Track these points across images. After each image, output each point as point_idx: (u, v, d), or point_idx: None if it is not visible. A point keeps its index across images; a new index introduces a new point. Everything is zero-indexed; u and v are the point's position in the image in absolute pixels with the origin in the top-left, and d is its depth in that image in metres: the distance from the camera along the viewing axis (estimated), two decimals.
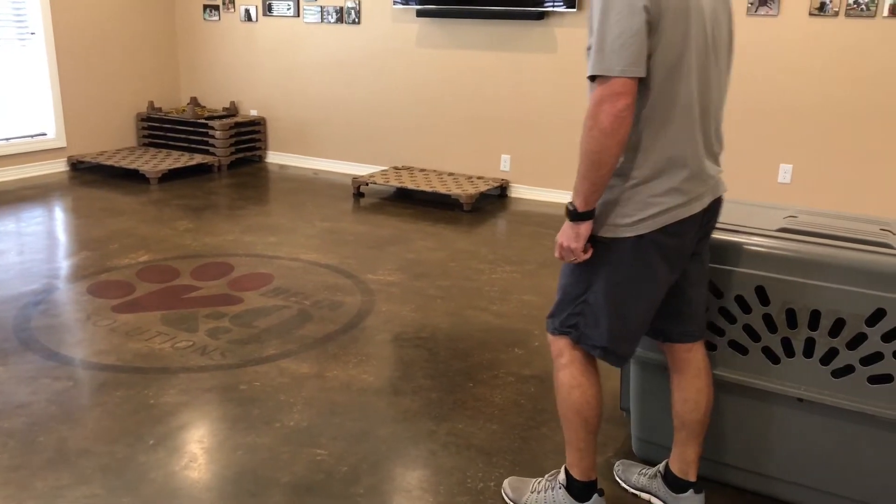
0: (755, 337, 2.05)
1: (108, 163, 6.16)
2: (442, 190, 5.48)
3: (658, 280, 1.83)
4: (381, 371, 2.92)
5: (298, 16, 6.42)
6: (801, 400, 2.03)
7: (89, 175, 6.18)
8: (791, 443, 2.09)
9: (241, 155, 6.71)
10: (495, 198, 5.82)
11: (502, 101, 5.79)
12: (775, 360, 2.04)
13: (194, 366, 2.91)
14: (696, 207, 1.81)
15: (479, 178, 5.90)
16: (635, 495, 2.19)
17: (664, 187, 1.75)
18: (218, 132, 6.45)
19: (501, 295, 3.78)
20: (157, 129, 6.80)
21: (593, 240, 1.80)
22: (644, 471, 2.23)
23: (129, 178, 6.05)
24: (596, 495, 2.02)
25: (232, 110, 6.87)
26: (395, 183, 5.67)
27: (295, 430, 2.49)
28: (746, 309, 2.04)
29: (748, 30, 4.82)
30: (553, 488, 2.06)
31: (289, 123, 6.80)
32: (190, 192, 5.70)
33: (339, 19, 6.23)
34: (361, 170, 6.38)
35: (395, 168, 6.23)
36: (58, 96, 6.18)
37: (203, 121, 6.51)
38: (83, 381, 2.77)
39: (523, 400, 2.74)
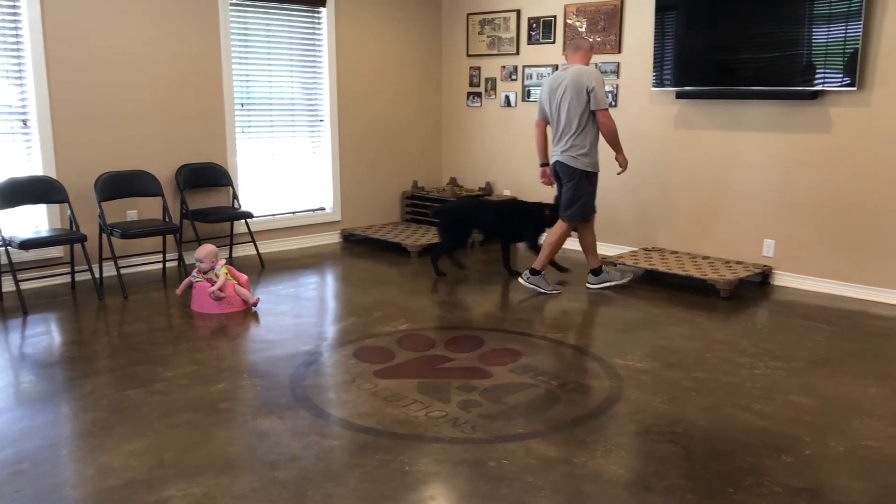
0: None
1: (375, 236, 6.71)
2: (696, 274, 5.24)
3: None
4: (631, 464, 2.79)
5: None
6: None
7: (358, 246, 6.77)
8: None
9: None
10: (756, 285, 5.44)
11: (766, 183, 5.46)
12: None
13: (446, 437, 2.99)
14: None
15: (737, 262, 5.56)
16: None
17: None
18: None
19: (765, 393, 3.47)
20: (420, 206, 7.31)
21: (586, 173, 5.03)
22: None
23: (392, 250, 6.53)
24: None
25: (487, 190, 7.19)
26: (644, 265, 5.53)
27: None
28: None
29: None
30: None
31: None
32: (445, 266, 6.00)
33: None
34: (609, 250, 6.31)
35: (645, 249, 6.08)
36: (337, 175, 6.91)
37: None
38: (347, 441, 2.96)
39: None
